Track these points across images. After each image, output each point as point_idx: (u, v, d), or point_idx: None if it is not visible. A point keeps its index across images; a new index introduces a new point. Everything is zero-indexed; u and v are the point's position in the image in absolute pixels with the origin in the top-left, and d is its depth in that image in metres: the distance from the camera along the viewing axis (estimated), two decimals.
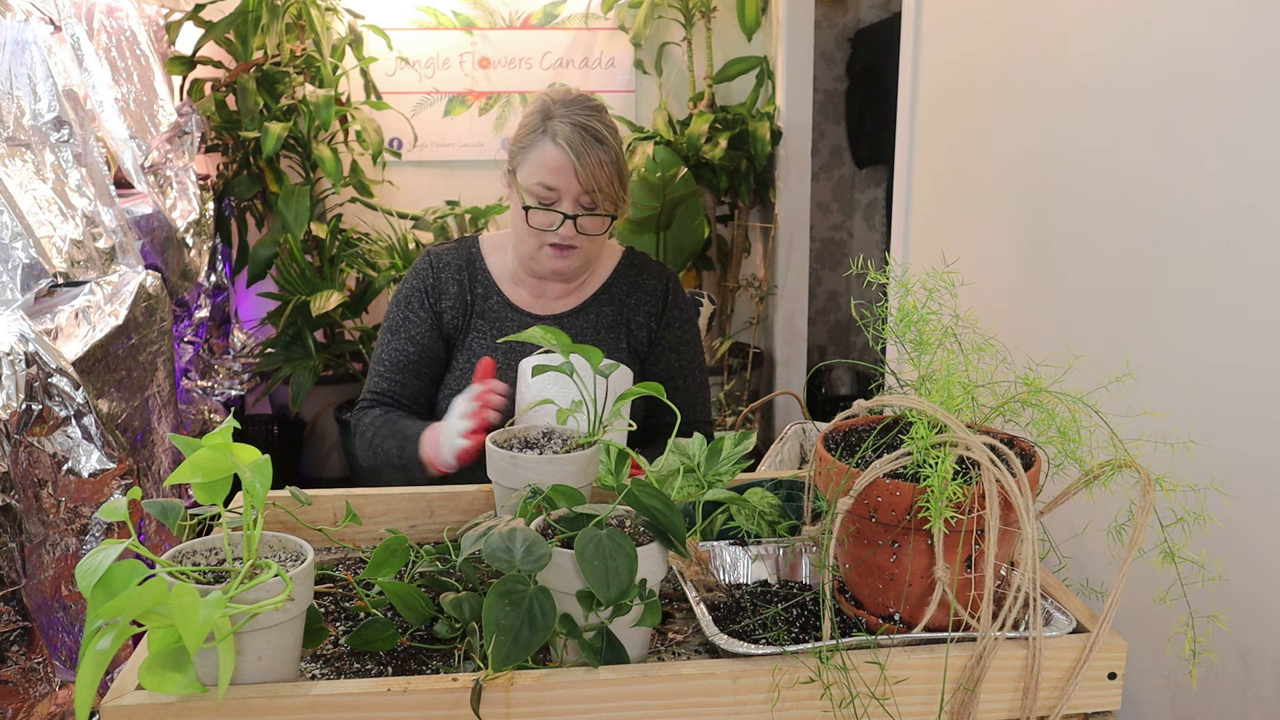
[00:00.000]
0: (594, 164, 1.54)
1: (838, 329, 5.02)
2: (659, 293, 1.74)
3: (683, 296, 1.78)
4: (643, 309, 1.72)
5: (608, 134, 1.58)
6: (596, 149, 1.54)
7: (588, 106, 1.59)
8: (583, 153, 1.53)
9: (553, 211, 1.57)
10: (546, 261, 1.62)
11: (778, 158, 3.89)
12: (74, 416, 1.78)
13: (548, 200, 1.57)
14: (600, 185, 1.55)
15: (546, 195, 1.57)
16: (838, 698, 0.86)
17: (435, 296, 1.70)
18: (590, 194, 1.56)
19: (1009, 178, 1.75)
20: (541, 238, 1.60)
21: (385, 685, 0.83)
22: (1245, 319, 1.17)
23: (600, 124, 1.57)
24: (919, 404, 0.91)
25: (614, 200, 1.59)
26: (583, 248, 1.61)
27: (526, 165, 1.58)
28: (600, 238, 1.63)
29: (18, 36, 2.18)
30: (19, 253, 1.95)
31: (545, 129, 1.56)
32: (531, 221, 1.59)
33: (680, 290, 1.78)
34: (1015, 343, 1.04)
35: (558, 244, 1.59)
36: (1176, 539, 0.89)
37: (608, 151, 1.56)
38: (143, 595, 0.75)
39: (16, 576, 1.58)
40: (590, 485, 1.10)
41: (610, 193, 1.57)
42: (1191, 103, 1.25)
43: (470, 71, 3.92)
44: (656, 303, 1.73)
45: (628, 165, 1.63)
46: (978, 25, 1.86)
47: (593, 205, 1.58)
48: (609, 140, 1.57)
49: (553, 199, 1.57)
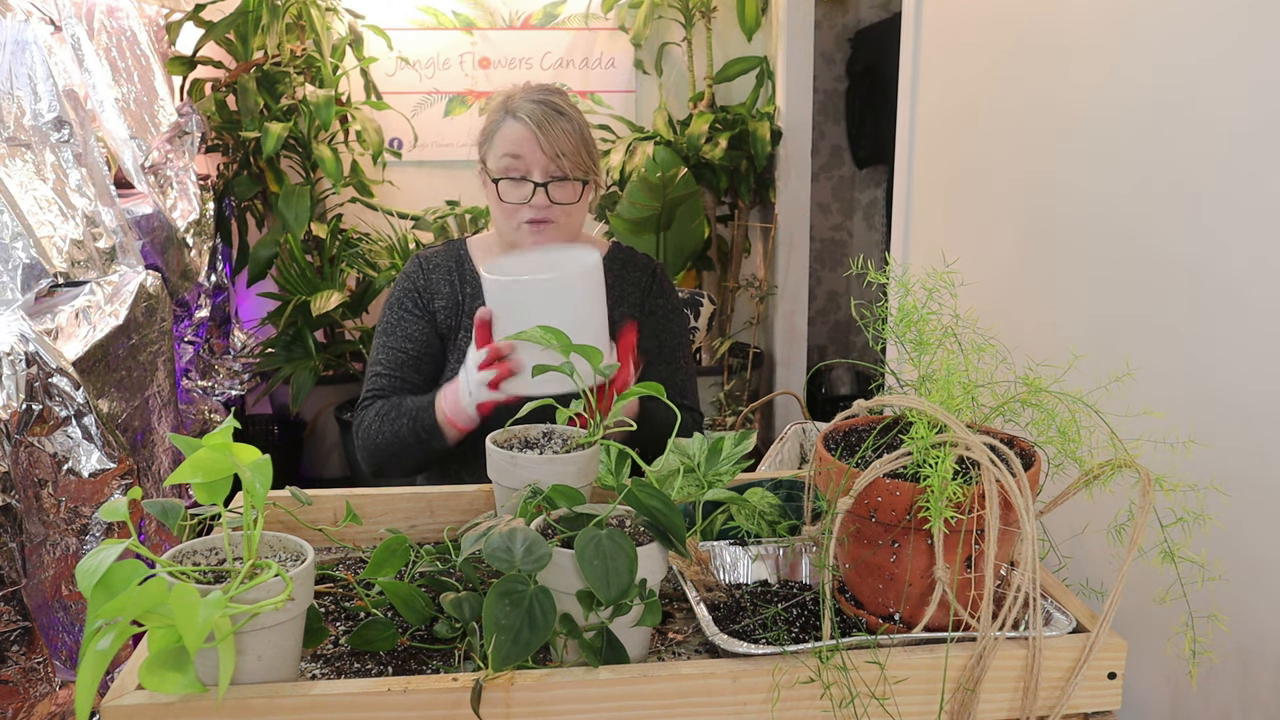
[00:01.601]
0: (557, 133, 1.57)
1: (838, 329, 5.02)
2: (642, 283, 1.75)
3: (668, 286, 1.78)
4: (626, 300, 1.73)
5: (569, 108, 1.61)
6: (558, 119, 1.58)
7: (546, 89, 1.64)
8: (544, 123, 1.57)
9: (523, 182, 1.59)
10: (525, 240, 1.62)
11: (778, 158, 3.89)
12: (74, 416, 1.78)
13: (516, 172, 1.59)
14: (565, 151, 1.57)
15: (514, 166, 1.59)
16: (838, 698, 0.86)
17: (428, 296, 1.71)
18: (556, 160, 1.58)
19: (1009, 178, 1.75)
20: (517, 214, 1.60)
21: (385, 685, 0.83)
22: (1246, 319, 1.17)
23: (560, 100, 1.62)
24: (919, 404, 0.91)
25: (582, 167, 1.61)
26: (559, 222, 1.62)
27: (493, 149, 1.61)
28: (576, 211, 1.64)
29: (18, 36, 2.18)
30: (19, 253, 1.95)
31: (506, 109, 1.61)
32: (503, 195, 1.60)
33: (666, 280, 1.79)
34: (1015, 343, 1.04)
35: (533, 219, 1.60)
36: (1176, 539, 0.89)
37: (570, 121, 1.59)
38: (143, 595, 0.75)
39: (17, 576, 1.58)
40: (590, 485, 1.10)
41: (577, 159, 1.59)
42: (1193, 100, 1.25)
43: (470, 71, 3.92)
44: (639, 292, 1.75)
45: (594, 138, 1.65)
46: (978, 25, 1.86)
47: (562, 173, 1.59)
48: (570, 112, 1.61)
49: (521, 170, 1.59)
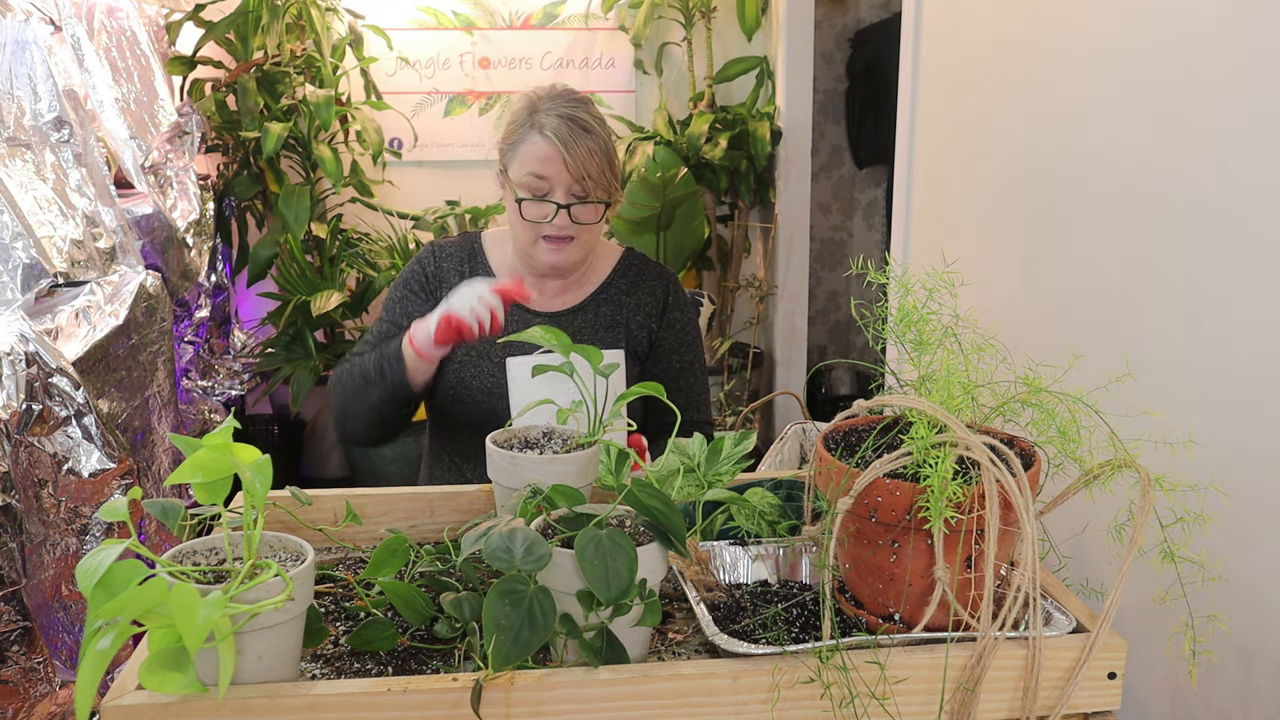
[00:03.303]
0: (583, 153, 1.55)
1: (838, 329, 5.02)
2: (659, 294, 1.74)
3: (683, 297, 1.78)
4: (643, 310, 1.73)
5: (595, 124, 1.59)
6: (584, 138, 1.56)
7: (573, 99, 1.61)
8: (570, 142, 1.55)
9: (546, 202, 1.58)
10: (542, 256, 1.62)
11: (778, 158, 3.89)
12: (74, 416, 1.78)
13: (539, 191, 1.58)
14: (590, 173, 1.56)
15: (538, 186, 1.58)
16: (838, 698, 0.86)
17: (436, 283, 1.71)
18: (581, 182, 1.57)
19: (1009, 178, 1.75)
20: (537, 230, 1.60)
21: (385, 685, 0.83)
22: (1246, 318, 1.17)
23: (587, 114, 1.59)
24: (919, 404, 0.91)
25: (605, 188, 1.60)
26: (579, 239, 1.62)
27: (516, 160, 1.60)
28: (595, 229, 1.64)
29: (18, 36, 2.18)
30: (19, 253, 1.95)
31: (532, 123, 1.58)
32: (525, 214, 1.59)
33: (680, 291, 1.78)
34: (1015, 343, 1.04)
35: (552, 236, 1.60)
36: (1176, 539, 0.89)
37: (596, 140, 1.57)
38: (143, 595, 0.75)
39: (17, 576, 1.58)
40: (590, 485, 1.10)
41: (601, 180, 1.59)
42: (1191, 106, 1.25)
43: (470, 71, 3.92)
44: (656, 304, 1.74)
45: (617, 155, 1.65)
46: (977, 25, 1.86)
47: (584, 194, 1.59)
48: (596, 130, 1.59)
49: (544, 190, 1.58)
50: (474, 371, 1.65)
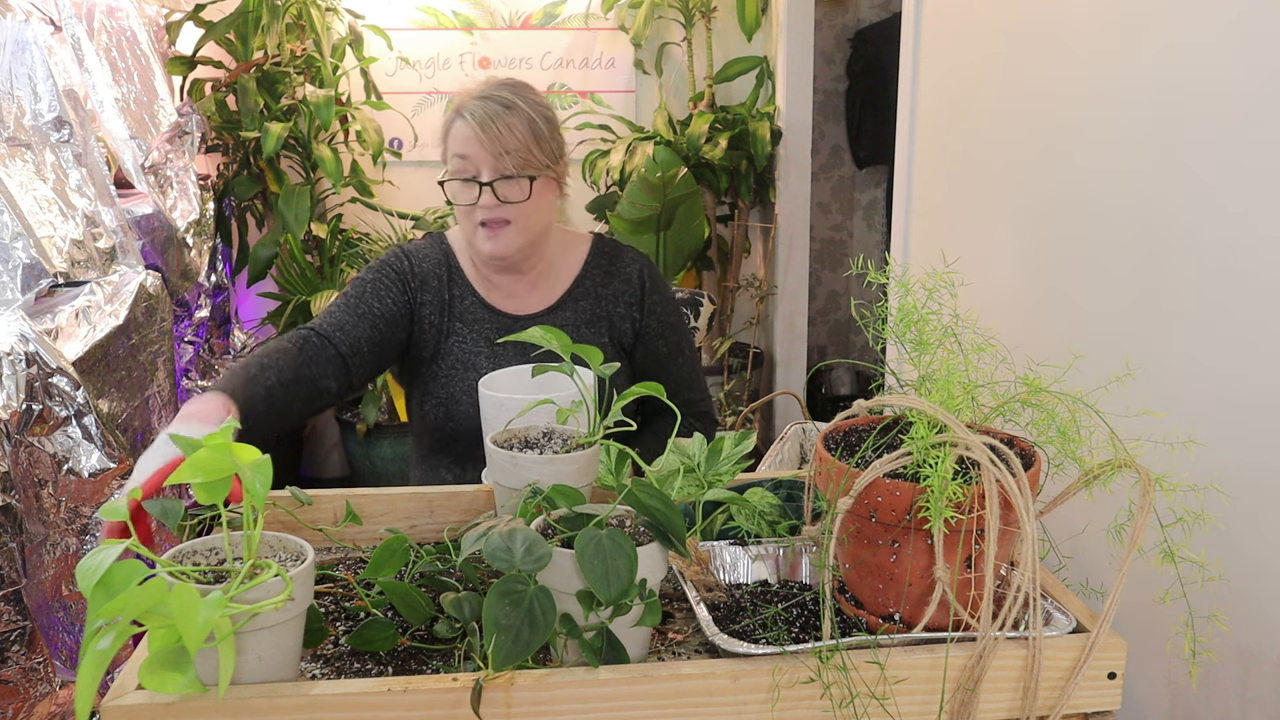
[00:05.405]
0: (501, 128, 1.54)
1: (838, 329, 5.02)
2: (636, 280, 1.70)
3: (660, 280, 1.74)
4: (622, 299, 1.69)
5: (518, 101, 1.57)
6: (503, 114, 1.55)
7: (501, 83, 1.60)
8: (486, 120, 1.54)
9: (470, 183, 1.57)
10: (482, 245, 1.59)
11: (778, 158, 3.89)
12: (74, 416, 1.78)
13: (464, 173, 1.57)
14: (509, 148, 1.54)
15: (462, 168, 1.57)
16: (838, 698, 0.86)
17: (418, 284, 1.66)
18: (499, 158, 1.55)
19: (1009, 177, 1.75)
20: (471, 216, 1.58)
21: (385, 685, 0.83)
22: (1246, 318, 1.17)
23: (510, 94, 1.58)
24: (919, 404, 0.91)
25: (531, 162, 1.57)
26: (515, 222, 1.58)
27: (447, 149, 1.60)
28: (533, 211, 1.59)
29: (18, 36, 2.18)
30: (19, 253, 1.95)
31: (457, 108, 1.59)
32: (453, 196, 1.58)
33: (656, 273, 1.74)
34: (1015, 343, 1.04)
35: (485, 220, 1.58)
36: (1176, 539, 0.89)
37: (515, 114, 1.55)
38: (143, 595, 0.75)
39: (17, 576, 1.58)
40: (590, 485, 1.10)
41: (524, 155, 1.56)
42: (1192, 102, 1.25)
43: (470, 72, 3.92)
44: (634, 291, 1.69)
45: (554, 130, 1.62)
46: (978, 25, 1.86)
47: (508, 171, 1.56)
48: (518, 105, 1.56)
49: (469, 171, 1.57)
50: (462, 386, 1.62)
